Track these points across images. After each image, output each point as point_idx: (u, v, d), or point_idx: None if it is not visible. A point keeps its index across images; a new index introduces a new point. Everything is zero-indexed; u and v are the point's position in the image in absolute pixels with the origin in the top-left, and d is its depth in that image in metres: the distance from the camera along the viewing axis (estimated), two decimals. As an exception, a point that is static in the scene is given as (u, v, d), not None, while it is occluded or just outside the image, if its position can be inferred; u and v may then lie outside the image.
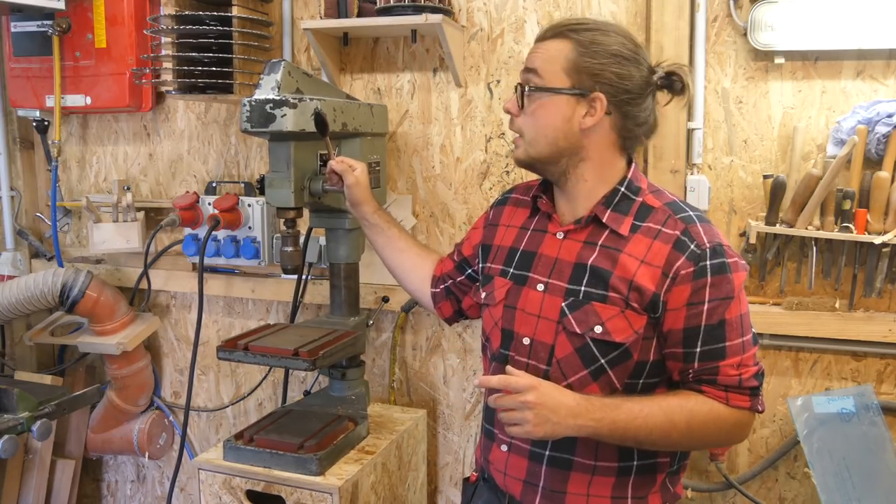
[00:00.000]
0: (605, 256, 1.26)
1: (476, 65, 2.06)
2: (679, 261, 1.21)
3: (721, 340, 1.22)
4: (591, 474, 1.29)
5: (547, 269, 1.32)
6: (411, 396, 2.27)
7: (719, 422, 1.23)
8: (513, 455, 1.35)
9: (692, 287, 1.21)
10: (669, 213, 1.27)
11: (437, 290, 1.62)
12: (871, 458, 1.73)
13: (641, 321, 1.23)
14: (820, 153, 1.80)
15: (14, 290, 2.26)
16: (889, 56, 1.74)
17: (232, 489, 1.74)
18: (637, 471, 1.29)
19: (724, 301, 1.22)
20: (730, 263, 1.23)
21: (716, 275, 1.21)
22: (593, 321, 1.24)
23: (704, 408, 1.22)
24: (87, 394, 1.93)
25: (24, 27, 2.36)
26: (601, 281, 1.25)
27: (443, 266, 1.63)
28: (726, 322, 1.22)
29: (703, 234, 1.23)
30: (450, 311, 1.62)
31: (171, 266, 2.42)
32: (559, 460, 1.30)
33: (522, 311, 1.33)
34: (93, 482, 2.74)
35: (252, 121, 1.57)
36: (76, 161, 2.57)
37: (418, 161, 2.15)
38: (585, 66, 1.25)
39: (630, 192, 1.30)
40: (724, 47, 1.85)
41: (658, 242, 1.24)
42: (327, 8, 2.00)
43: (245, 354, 1.71)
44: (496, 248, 1.45)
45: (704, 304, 1.21)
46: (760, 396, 1.25)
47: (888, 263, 1.76)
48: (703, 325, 1.21)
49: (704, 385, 1.24)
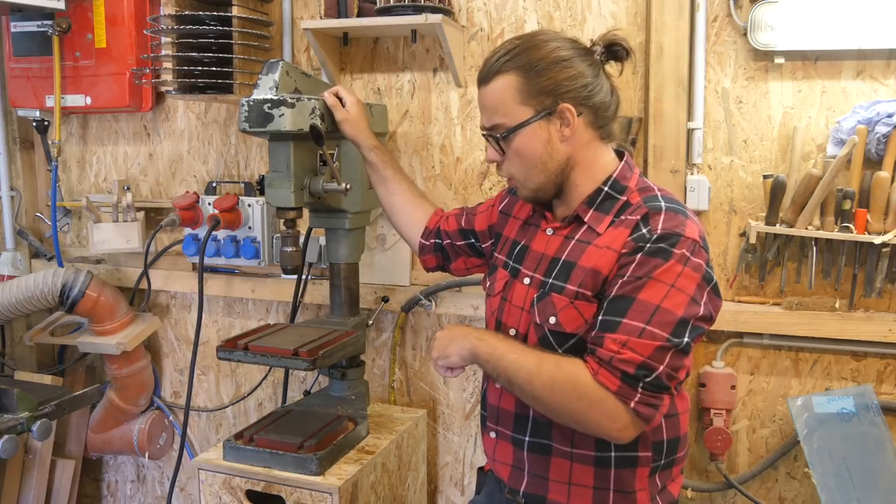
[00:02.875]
0: (577, 249, 1.29)
1: (476, 65, 2.06)
2: (629, 242, 1.21)
3: (621, 315, 1.16)
4: (569, 460, 1.30)
5: (534, 264, 1.35)
6: (411, 396, 2.27)
7: (578, 389, 1.17)
8: (500, 441, 1.39)
9: (625, 261, 1.20)
10: (640, 204, 1.26)
11: (426, 242, 1.66)
12: (871, 458, 1.73)
13: (592, 309, 1.23)
14: (820, 153, 1.80)
15: (14, 290, 2.27)
16: (889, 56, 1.74)
17: (232, 489, 1.74)
18: (616, 463, 1.28)
19: (643, 279, 1.16)
20: (673, 252, 1.17)
21: (648, 255, 1.17)
22: (549, 312, 1.27)
23: (572, 369, 1.18)
24: (87, 394, 1.93)
25: (24, 27, 2.36)
26: (565, 272, 1.28)
27: (442, 222, 1.66)
28: (636, 300, 1.16)
29: (662, 221, 1.20)
30: (433, 264, 1.68)
31: (171, 266, 2.42)
32: (538, 445, 1.32)
33: (510, 303, 1.37)
34: (93, 482, 2.74)
35: (250, 121, 1.58)
36: (76, 161, 2.57)
37: (418, 161, 2.15)
38: (538, 88, 1.25)
39: (614, 192, 1.30)
40: (724, 47, 1.85)
41: (621, 228, 1.24)
42: (327, 8, 2.00)
43: (245, 354, 1.71)
44: (504, 239, 1.49)
45: (625, 278, 1.18)
46: (639, 394, 1.14)
47: (888, 263, 1.75)
48: (613, 294, 1.19)
49: (588, 354, 1.20)
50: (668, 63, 1.81)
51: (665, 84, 1.82)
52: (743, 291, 1.90)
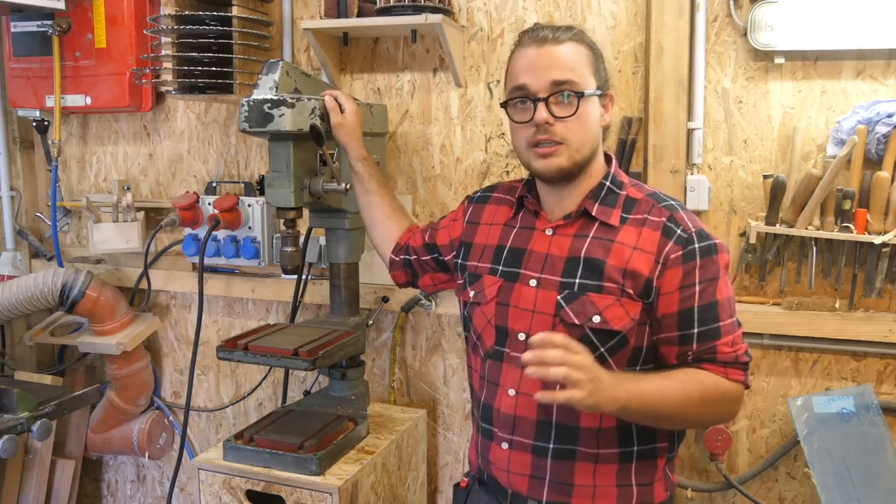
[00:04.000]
0: (598, 246, 1.29)
1: (476, 65, 2.06)
2: (668, 245, 1.26)
3: (715, 321, 1.26)
4: (594, 462, 1.30)
5: (539, 265, 1.34)
6: (411, 396, 2.27)
7: (724, 395, 1.26)
8: (515, 451, 1.34)
9: (683, 270, 1.25)
10: (653, 203, 1.32)
11: (396, 258, 1.66)
12: (871, 458, 1.73)
13: (637, 308, 1.26)
14: (820, 153, 1.80)
15: (14, 290, 2.27)
16: (889, 56, 1.74)
17: (232, 489, 1.74)
18: (638, 456, 1.31)
19: (713, 282, 1.26)
20: (716, 245, 1.27)
21: (704, 257, 1.26)
22: (591, 311, 1.26)
23: (711, 381, 1.25)
24: (87, 394, 1.93)
25: (24, 27, 2.36)
26: (596, 271, 1.28)
27: (411, 238, 1.64)
28: (718, 303, 1.26)
29: (686, 220, 1.29)
30: (403, 280, 1.69)
31: (171, 266, 2.42)
32: (563, 452, 1.31)
33: (516, 308, 1.34)
34: (93, 482, 2.74)
35: (250, 121, 1.58)
36: (76, 161, 2.57)
37: (418, 161, 2.15)
38: (599, 68, 1.33)
39: (614, 187, 1.35)
40: (724, 47, 1.85)
41: (647, 230, 1.28)
42: (327, 8, 2.00)
43: (245, 354, 1.71)
44: (481, 248, 1.45)
45: (696, 286, 1.25)
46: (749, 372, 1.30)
47: (888, 263, 1.75)
48: (697, 306, 1.25)
49: (705, 364, 1.26)
50: (668, 63, 1.81)
51: (665, 84, 1.82)
52: (743, 291, 1.90)
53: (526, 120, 1.30)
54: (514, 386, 1.34)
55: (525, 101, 1.30)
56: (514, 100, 1.32)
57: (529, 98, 1.29)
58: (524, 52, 1.31)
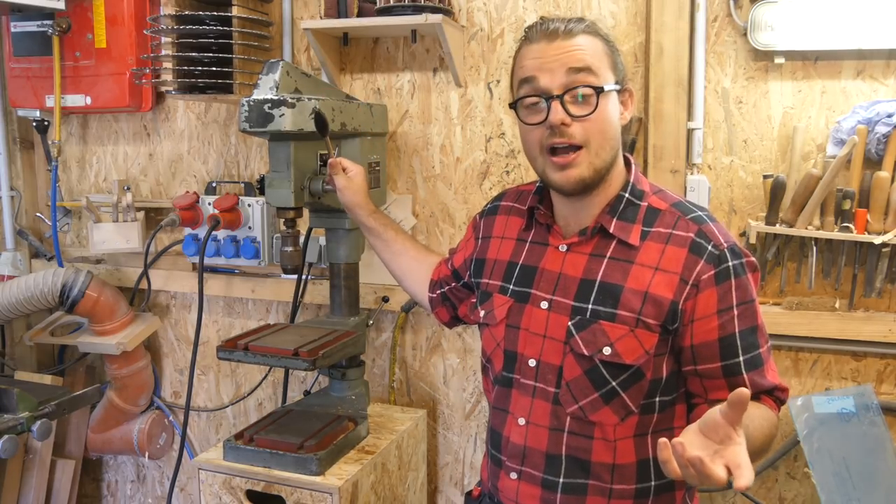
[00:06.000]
0: (616, 269, 1.18)
1: (476, 65, 2.06)
2: (699, 265, 1.14)
3: (756, 347, 1.16)
4: (607, 498, 1.21)
5: (550, 286, 1.23)
6: (411, 396, 2.27)
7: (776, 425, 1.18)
8: (524, 483, 1.26)
9: (718, 292, 1.14)
10: (679, 215, 1.19)
11: (433, 294, 1.57)
12: (871, 458, 1.73)
13: (653, 339, 1.15)
14: (820, 153, 1.80)
15: (14, 290, 2.27)
16: (889, 56, 1.74)
17: (232, 489, 1.74)
18: (656, 491, 1.22)
19: (750, 304, 1.16)
20: (748, 263, 1.17)
21: (739, 276, 1.15)
22: (602, 342, 1.16)
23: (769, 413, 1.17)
24: (87, 394, 1.93)
25: (24, 27, 2.36)
26: (611, 297, 1.17)
27: (440, 270, 1.56)
28: (758, 328, 1.17)
29: (717, 233, 1.16)
30: (447, 317, 1.57)
31: (171, 266, 2.42)
32: (574, 486, 1.22)
33: (527, 331, 1.25)
34: (93, 482, 2.74)
35: (251, 121, 1.57)
36: (76, 161, 2.57)
37: (418, 161, 2.15)
38: (616, 62, 1.20)
39: (634, 197, 1.22)
40: (724, 47, 1.85)
41: (671, 247, 1.16)
42: (327, 8, 2.00)
43: (245, 354, 1.71)
44: (492, 263, 1.36)
45: (734, 310, 1.14)
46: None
47: (888, 263, 1.75)
48: (738, 331, 1.15)
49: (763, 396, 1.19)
50: (668, 63, 1.81)
51: (665, 84, 1.82)
52: (743, 291, 1.90)
53: (539, 121, 1.17)
54: (524, 415, 1.25)
55: (537, 101, 1.17)
56: (525, 99, 1.19)
57: (542, 96, 1.16)
58: (533, 48, 1.18)
